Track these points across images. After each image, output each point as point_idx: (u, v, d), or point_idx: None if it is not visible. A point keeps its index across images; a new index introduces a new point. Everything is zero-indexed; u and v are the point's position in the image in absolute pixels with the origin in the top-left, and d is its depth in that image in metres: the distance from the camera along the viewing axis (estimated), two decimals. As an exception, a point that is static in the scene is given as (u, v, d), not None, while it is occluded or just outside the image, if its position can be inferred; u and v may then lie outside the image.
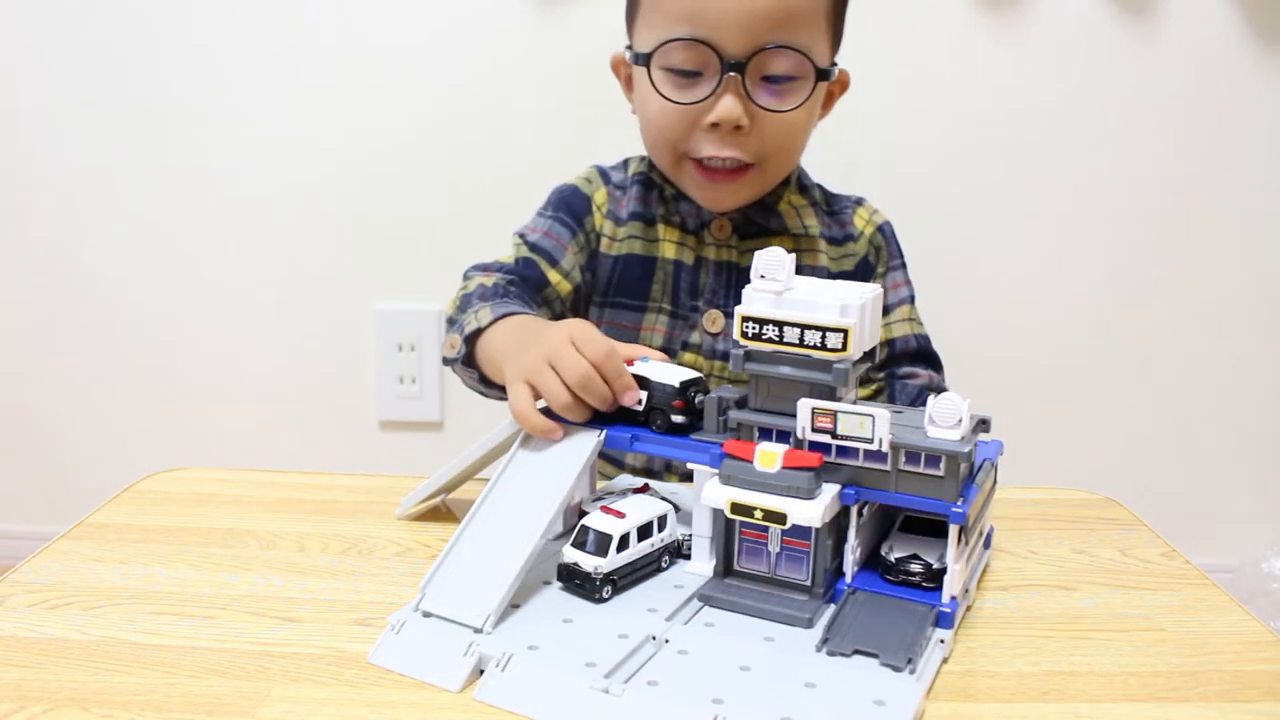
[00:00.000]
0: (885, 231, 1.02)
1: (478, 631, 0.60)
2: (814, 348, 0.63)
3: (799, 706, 0.54)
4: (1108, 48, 1.62)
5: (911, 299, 1.01)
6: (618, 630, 0.61)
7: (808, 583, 0.64)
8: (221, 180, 1.68)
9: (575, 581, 0.65)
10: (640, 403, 0.69)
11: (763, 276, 0.64)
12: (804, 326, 0.63)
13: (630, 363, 0.70)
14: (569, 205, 0.99)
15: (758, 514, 0.61)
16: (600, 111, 1.65)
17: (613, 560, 0.65)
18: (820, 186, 1.02)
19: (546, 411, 0.70)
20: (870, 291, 0.65)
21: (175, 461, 0.96)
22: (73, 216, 1.70)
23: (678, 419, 0.68)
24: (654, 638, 0.60)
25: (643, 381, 0.69)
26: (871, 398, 0.96)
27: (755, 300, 0.64)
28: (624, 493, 0.76)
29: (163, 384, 1.76)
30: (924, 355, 0.99)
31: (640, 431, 0.69)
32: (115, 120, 1.66)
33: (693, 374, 0.69)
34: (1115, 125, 1.64)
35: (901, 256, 1.02)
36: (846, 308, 0.62)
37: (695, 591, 0.66)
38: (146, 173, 1.68)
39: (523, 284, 0.95)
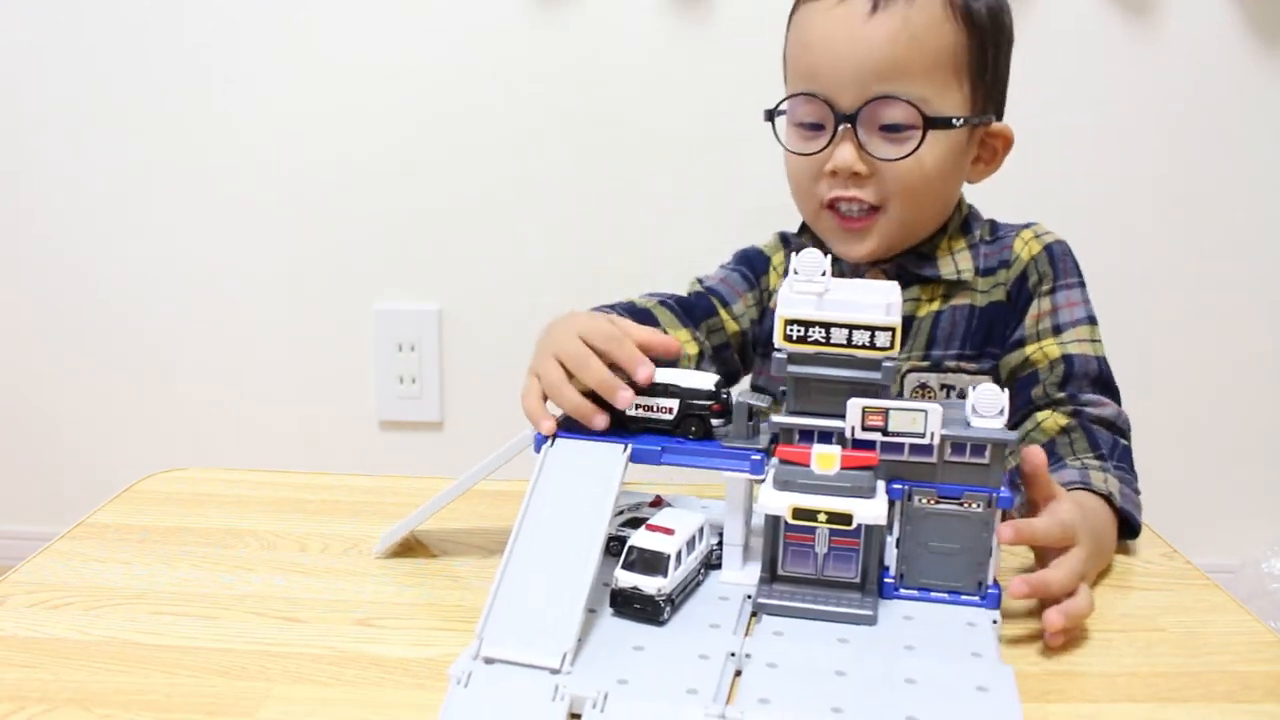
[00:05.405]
0: (1054, 251, 0.98)
1: (555, 672, 0.56)
2: (862, 347, 0.63)
3: (915, 704, 0.55)
4: (1108, 48, 1.61)
5: (1090, 319, 0.96)
6: (695, 651, 0.59)
7: (856, 580, 0.64)
8: (221, 180, 1.68)
9: (635, 606, 0.62)
10: (671, 412, 0.67)
11: (798, 275, 0.64)
12: (852, 327, 0.63)
13: None
14: (750, 262, 1.04)
15: (821, 517, 0.61)
16: (600, 113, 1.65)
17: (672, 580, 0.62)
18: (991, 222, 1.01)
19: (568, 421, 0.68)
20: (895, 290, 0.65)
21: (175, 461, 0.96)
22: (72, 217, 1.70)
23: (716, 423, 0.67)
24: (733, 654, 0.59)
25: (670, 389, 0.67)
26: (1063, 432, 0.86)
27: (796, 303, 0.64)
28: (637, 507, 0.75)
29: (163, 384, 1.76)
30: (1103, 382, 0.94)
31: (668, 442, 0.67)
32: (115, 121, 1.66)
33: (715, 375, 0.69)
34: (1114, 125, 1.64)
35: (1078, 275, 0.99)
36: (891, 306, 0.63)
37: (748, 600, 0.65)
38: (145, 173, 1.68)
39: (681, 306, 0.97)
